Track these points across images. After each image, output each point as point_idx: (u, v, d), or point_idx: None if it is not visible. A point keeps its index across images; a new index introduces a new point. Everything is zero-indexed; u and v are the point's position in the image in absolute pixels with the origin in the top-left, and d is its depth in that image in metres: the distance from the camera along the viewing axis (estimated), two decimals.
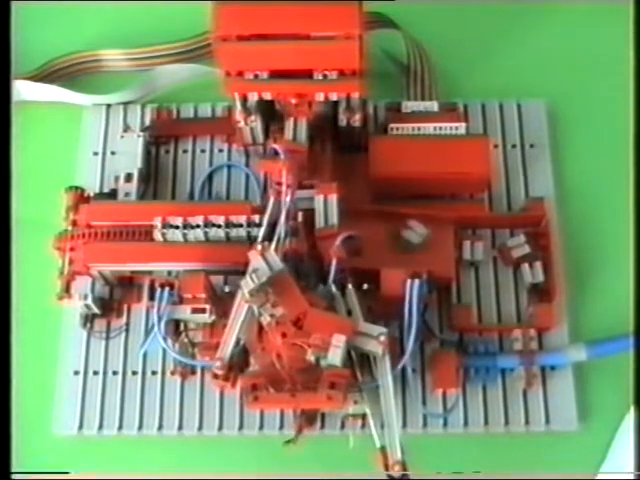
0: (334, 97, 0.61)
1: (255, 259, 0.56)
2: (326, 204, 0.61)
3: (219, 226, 0.60)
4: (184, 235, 0.60)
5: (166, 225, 0.61)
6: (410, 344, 0.58)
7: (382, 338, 0.56)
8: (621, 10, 0.72)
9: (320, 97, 0.61)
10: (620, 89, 0.71)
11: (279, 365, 0.55)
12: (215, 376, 0.56)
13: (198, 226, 0.60)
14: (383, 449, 0.55)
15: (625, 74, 0.71)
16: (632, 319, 0.63)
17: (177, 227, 0.60)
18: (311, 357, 0.55)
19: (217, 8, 0.58)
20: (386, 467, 0.55)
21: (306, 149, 0.61)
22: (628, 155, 0.69)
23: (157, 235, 0.61)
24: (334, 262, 0.58)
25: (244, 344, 0.57)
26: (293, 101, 0.62)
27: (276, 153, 0.60)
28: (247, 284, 0.55)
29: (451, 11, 0.74)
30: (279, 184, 0.59)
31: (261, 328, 0.56)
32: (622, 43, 0.71)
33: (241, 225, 0.60)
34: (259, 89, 0.61)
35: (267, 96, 0.61)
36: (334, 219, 0.60)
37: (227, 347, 0.57)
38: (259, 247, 0.56)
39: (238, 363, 0.57)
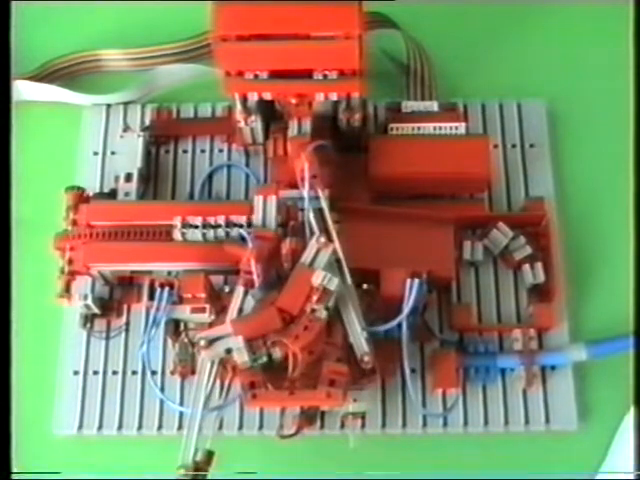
0: (334, 97, 0.61)
1: (213, 348, 0.56)
2: (300, 122, 0.62)
3: (219, 226, 0.60)
4: (183, 235, 0.60)
5: (165, 225, 0.60)
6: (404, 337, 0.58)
7: (321, 239, 0.57)
8: (621, 10, 0.72)
9: (320, 97, 0.61)
10: (620, 89, 0.70)
11: (292, 365, 0.55)
12: None
13: (197, 226, 0.60)
14: (351, 347, 0.57)
15: (625, 74, 0.71)
16: (632, 319, 0.63)
17: (176, 227, 0.60)
18: (323, 313, 0.55)
19: (217, 8, 0.58)
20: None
21: (275, 235, 0.59)
22: (628, 155, 0.69)
23: (157, 235, 0.61)
24: (307, 166, 0.58)
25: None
26: (293, 101, 0.62)
27: (243, 239, 0.58)
28: (242, 358, 0.55)
29: (451, 11, 0.74)
30: (248, 273, 0.57)
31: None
32: (622, 43, 0.71)
33: (241, 225, 0.60)
34: (259, 89, 0.61)
35: (267, 96, 0.61)
36: (307, 128, 0.61)
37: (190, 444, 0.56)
38: (202, 343, 0.56)
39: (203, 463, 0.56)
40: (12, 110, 0.68)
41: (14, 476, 0.59)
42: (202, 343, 0.56)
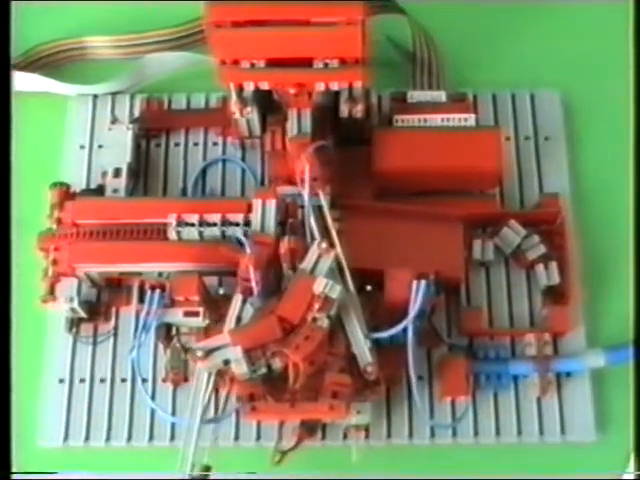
0: (335, 87, 0.60)
1: (210, 359, 0.55)
2: (299, 115, 0.61)
3: (214, 224, 0.59)
4: (179, 233, 0.59)
5: (157, 223, 0.59)
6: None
7: (323, 245, 0.56)
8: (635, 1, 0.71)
9: (320, 87, 0.60)
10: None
11: (293, 376, 0.55)
12: None
13: (194, 224, 0.59)
14: (354, 357, 0.57)
15: None
16: (632, 323, 0.62)
17: (171, 225, 0.59)
18: (325, 322, 0.54)
19: None
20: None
21: (273, 240, 0.58)
22: None
23: (147, 234, 0.59)
24: (307, 168, 0.58)
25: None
26: (292, 91, 0.61)
27: (241, 244, 0.57)
28: (241, 369, 0.55)
29: None
30: (246, 280, 0.56)
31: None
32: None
33: (237, 224, 0.59)
34: (256, 79, 0.60)
35: (264, 86, 0.61)
36: (307, 128, 0.61)
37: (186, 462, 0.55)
38: (199, 354, 0.55)
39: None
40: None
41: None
42: (199, 354, 0.55)
